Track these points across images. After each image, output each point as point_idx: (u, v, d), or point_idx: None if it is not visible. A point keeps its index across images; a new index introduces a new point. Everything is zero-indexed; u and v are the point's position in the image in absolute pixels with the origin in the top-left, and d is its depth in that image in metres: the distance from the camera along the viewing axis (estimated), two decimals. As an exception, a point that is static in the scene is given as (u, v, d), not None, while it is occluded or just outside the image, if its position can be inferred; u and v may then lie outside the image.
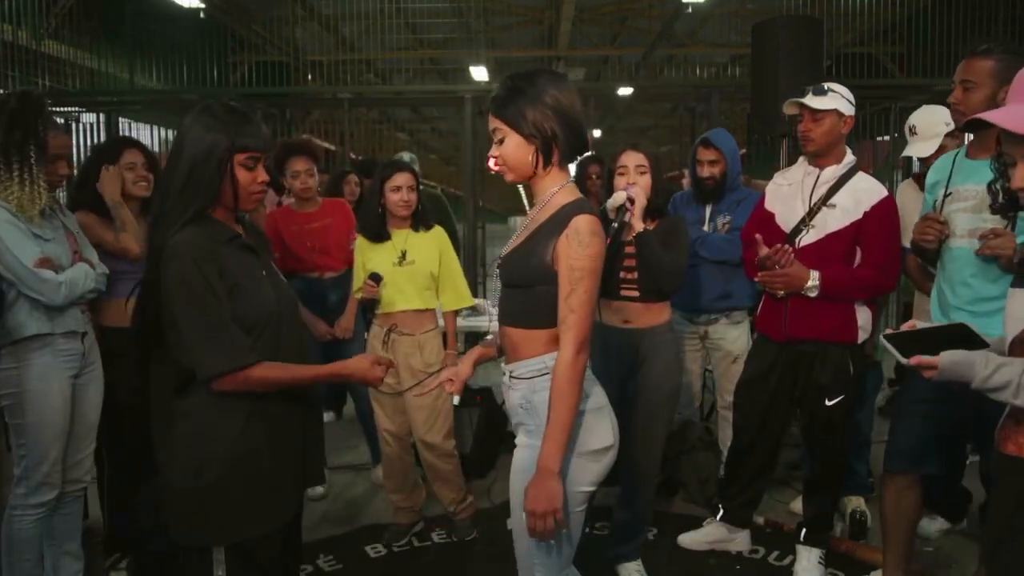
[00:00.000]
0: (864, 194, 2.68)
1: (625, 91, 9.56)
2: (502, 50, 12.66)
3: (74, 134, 7.38)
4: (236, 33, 8.91)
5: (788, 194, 2.83)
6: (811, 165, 2.79)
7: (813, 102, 2.67)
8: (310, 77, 9.87)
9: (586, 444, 1.73)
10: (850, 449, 3.14)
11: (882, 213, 2.66)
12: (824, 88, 2.68)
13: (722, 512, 3.13)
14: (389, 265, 3.07)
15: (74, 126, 7.45)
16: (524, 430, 1.80)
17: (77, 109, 7.56)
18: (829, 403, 2.76)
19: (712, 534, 3.15)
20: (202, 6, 8.60)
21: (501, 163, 1.76)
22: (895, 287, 2.99)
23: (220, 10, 8.97)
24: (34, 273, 2.35)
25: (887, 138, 7.67)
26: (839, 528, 3.23)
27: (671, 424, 3.03)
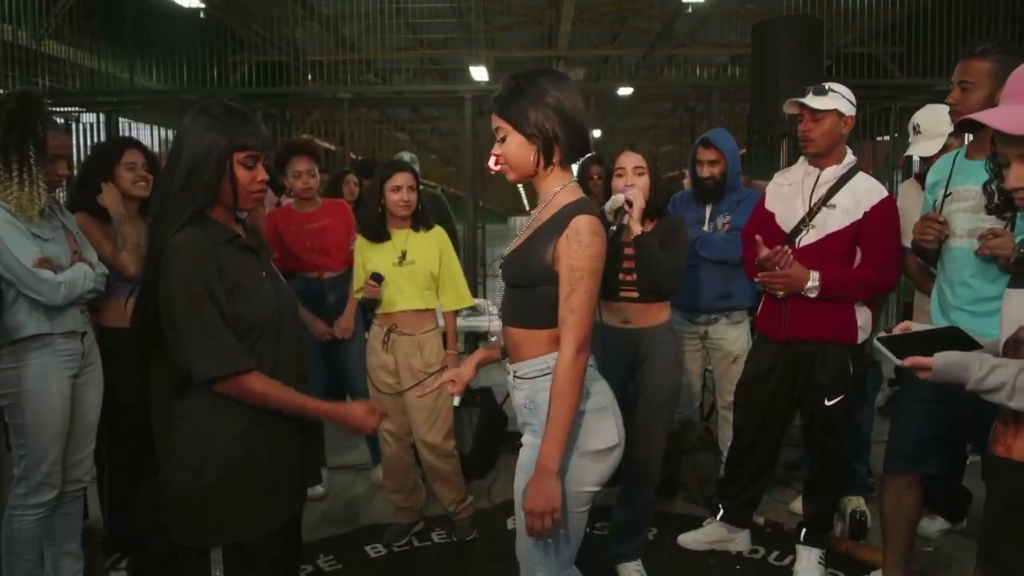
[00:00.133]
0: (864, 194, 2.67)
1: (625, 91, 9.56)
2: (502, 50, 12.66)
3: (74, 134, 7.37)
4: (236, 33, 8.91)
5: (788, 194, 2.83)
6: (811, 165, 2.78)
7: (813, 102, 2.67)
8: (310, 77, 9.87)
9: (590, 444, 1.73)
10: (850, 449, 3.14)
11: (882, 213, 2.66)
12: (824, 88, 2.68)
13: (722, 512, 3.13)
14: (389, 265, 3.07)
15: (74, 126, 7.44)
16: (529, 429, 1.81)
17: (77, 109, 7.55)
18: (829, 403, 2.76)
19: (712, 534, 3.15)
20: (202, 6, 8.59)
21: (503, 162, 1.77)
22: (895, 287, 2.99)
23: (220, 10, 8.97)
24: (33, 273, 2.35)
25: (887, 138, 7.67)
26: (839, 528, 3.22)
27: (671, 424, 3.03)
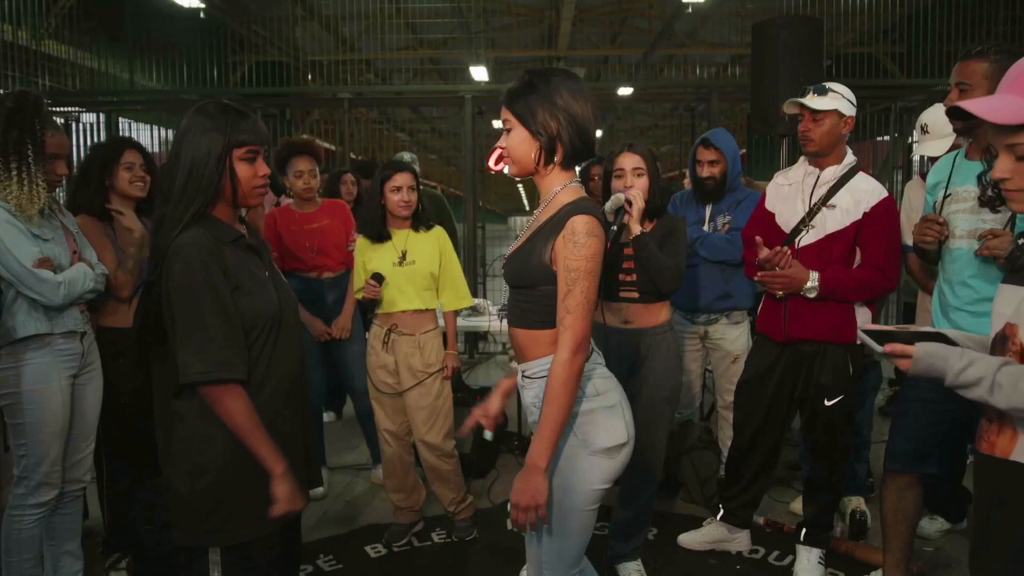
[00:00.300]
0: (864, 194, 2.67)
1: (625, 91, 9.55)
2: (502, 50, 12.67)
3: (74, 134, 7.36)
4: (236, 33, 8.91)
5: (788, 194, 2.83)
6: (811, 165, 2.78)
7: (813, 102, 2.66)
8: (310, 77, 9.88)
9: (600, 441, 1.74)
10: (850, 449, 3.13)
11: (882, 213, 2.66)
12: (825, 88, 2.68)
13: (722, 512, 3.13)
14: (389, 265, 3.07)
15: (74, 126, 7.44)
16: (536, 432, 1.81)
17: (77, 109, 7.54)
18: (829, 403, 2.75)
19: (712, 534, 3.15)
20: (202, 6, 8.59)
21: (506, 154, 1.78)
22: (895, 288, 2.99)
23: (220, 10, 8.97)
24: (33, 273, 2.35)
25: (887, 138, 7.66)
26: (839, 528, 3.22)
27: (671, 424, 3.03)
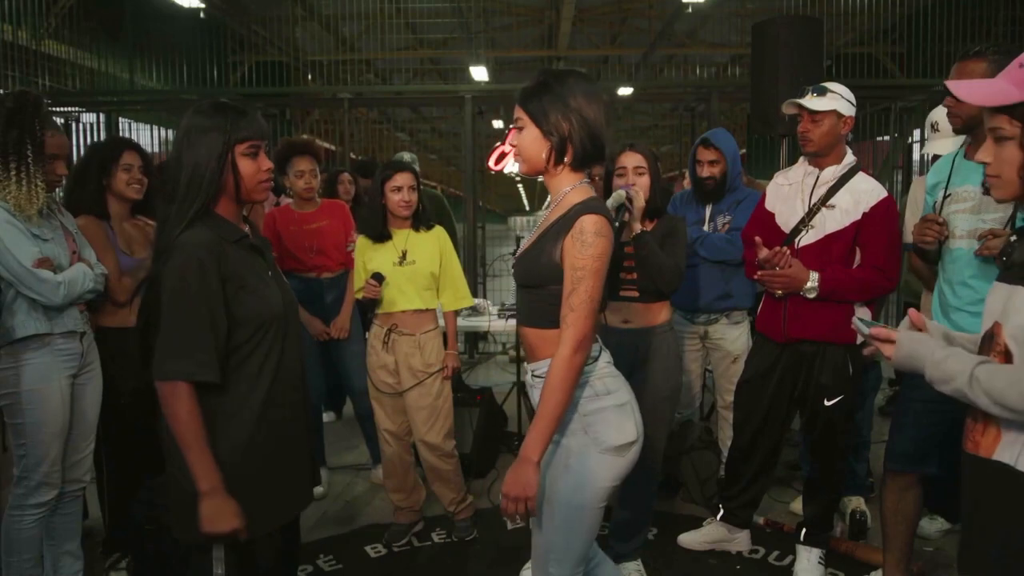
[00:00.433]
0: (864, 195, 2.67)
1: (625, 91, 9.56)
2: (502, 50, 12.66)
3: (74, 134, 7.36)
4: (236, 33, 8.91)
5: (788, 194, 2.82)
6: (811, 165, 2.78)
7: (811, 103, 2.66)
8: (310, 77, 9.88)
9: (610, 440, 1.76)
10: (850, 449, 3.13)
11: (882, 213, 2.65)
12: (823, 88, 2.67)
13: (722, 512, 3.13)
14: (390, 265, 3.06)
15: (74, 126, 7.43)
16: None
17: (77, 109, 7.54)
18: (828, 403, 2.75)
19: (712, 534, 3.15)
20: (202, 6, 8.59)
21: (516, 151, 1.80)
22: (895, 288, 2.99)
23: (220, 10, 8.97)
24: (33, 273, 2.35)
25: (887, 138, 7.66)
26: (839, 528, 3.22)
27: (671, 424, 3.03)
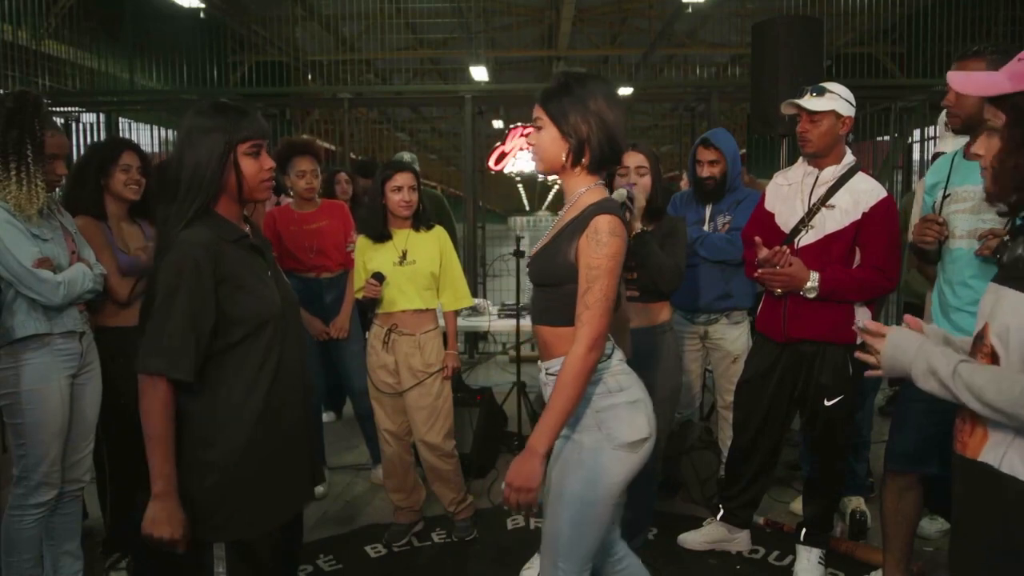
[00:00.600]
0: (863, 195, 2.67)
1: (625, 91, 9.55)
2: (502, 50, 12.67)
3: (74, 134, 7.36)
4: (236, 33, 8.91)
5: (788, 194, 2.82)
6: (810, 165, 2.78)
7: (810, 103, 2.66)
8: (310, 77, 9.88)
9: (623, 436, 1.79)
10: (850, 449, 3.13)
11: (881, 213, 2.65)
12: (822, 89, 2.67)
13: (722, 512, 3.13)
14: (390, 265, 3.06)
15: (74, 126, 7.43)
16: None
17: (77, 109, 7.53)
18: (828, 403, 2.75)
19: (712, 534, 3.15)
20: (202, 6, 8.59)
21: (534, 151, 1.85)
22: (895, 288, 2.98)
23: (220, 10, 8.97)
24: (32, 273, 2.35)
25: (887, 138, 7.66)
26: (839, 528, 3.22)
27: (671, 424, 3.03)
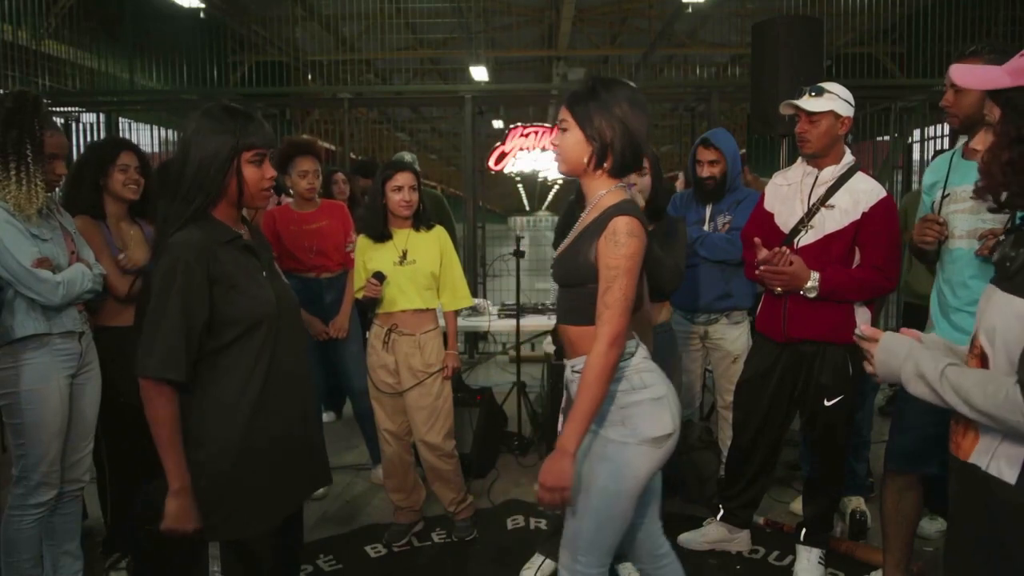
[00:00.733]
0: (863, 194, 2.67)
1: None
2: (502, 50, 12.66)
3: (74, 134, 7.35)
4: (236, 33, 8.90)
5: (787, 194, 2.82)
6: (810, 165, 2.78)
7: (808, 104, 2.66)
8: (310, 77, 9.87)
9: (648, 432, 1.83)
10: (850, 449, 3.13)
11: (881, 213, 2.65)
12: (820, 89, 2.67)
13: (722, 512, 3.13)
14: (390, 265, 3.06)
15: (74, 126, 7.42)
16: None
17: (77, 109, 7.52)
18: (828, 403, 2.75)
19: (712, 534, 3.15)
20: (202, 6, 8.58)
21: (557, 152, 1.89)
22: (895, 288, 2.98)
23: (220, 10, 8.97)
24: (32, 273, 2.35)
25: (887, 138, 7.66)
26: (839, 528, 3.22)
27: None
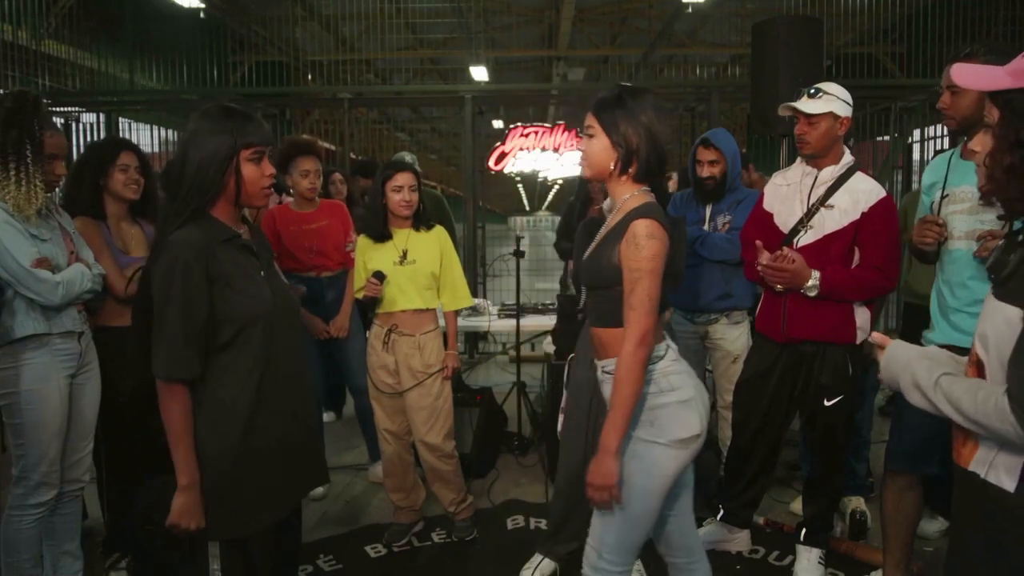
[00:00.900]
0: (862, 194, 2.66)
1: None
2: (502, 50, 12.66)
3: (74, 134, 7.35)
4: (236, 33, 8.91)
5: (786, 194, 2.82)
6: (809, 165, 2.78)
7: (806, 106, 2.65)
8: (310, 77, 9.87)
9: (675, 433, 1.87)
10: (850, 449, 3.13)
11: (880, 213, 2.65)
12: (818, 90, 2.66)
13: (722, 512, 3.13)
14: (390, 264, 3.06)
15: (74, 126, 7.42)
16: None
17: (77, 109, 7.52)
18: (828, 403, 2.75)
19: (712, 534, 3.15)
20: (202, 6, 8.58)
21: (583, 157, 1.94)
22: (894, 288, 2.98)
23: (220, 10, 8.97)
24: (31, 273, 2.35)
25: (887, 138, 7.66)
26: (839, 528, 3.22)
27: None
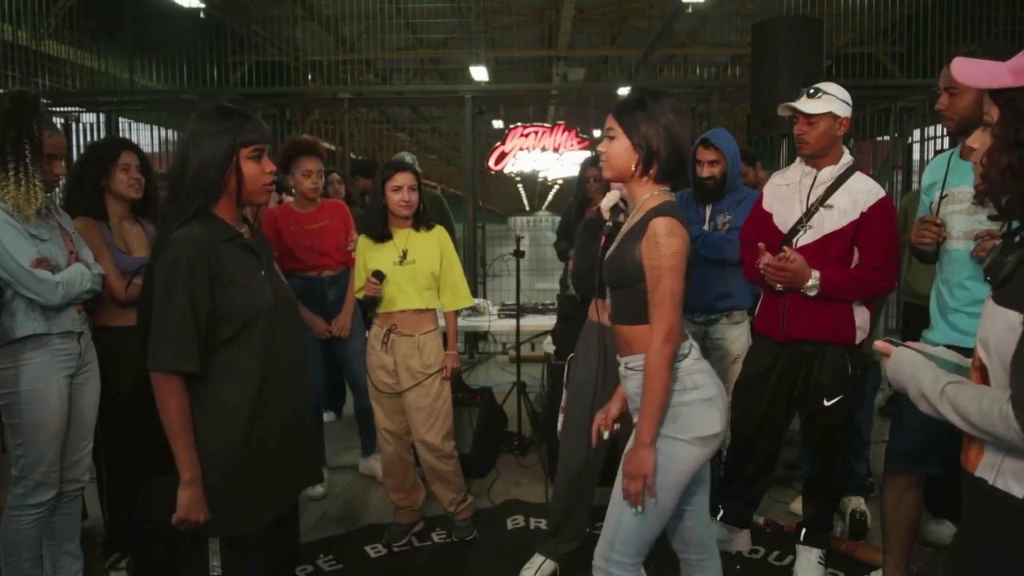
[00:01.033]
0: (862, 194, 2.66)
1: (625, 91, 9.53)
2: (502, 50, 12.66)
3: (74, 134, 7.35)
4: (236, 33, 8.91)
5: (786, 194, 2.82)
6: (808, 165, 2.77)
7: (806, 107, 2.65)
8: (310, 77, 9.88)
9: (696, 431, 1.90)
10: (850, 449, 3.13)
11: (880, 213, 2.65)
12: (817, 90, 2.66)
13: (722, 512, 3.12)
14: (390, 264, 3.06)
15: (74, 126, 7.42)
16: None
17: (77, 109, 7.52)
18: (828, 403, 2.75)
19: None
20: (202, 6, 8.58)
21: (604, 159, 1.97)
22: (894, 288, 2.98)
23: (220, 10, 8.97)
24: (31, 273, 2.35)
25: (887, 138, 7.66)
26: (839, 528, 3.22)
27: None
